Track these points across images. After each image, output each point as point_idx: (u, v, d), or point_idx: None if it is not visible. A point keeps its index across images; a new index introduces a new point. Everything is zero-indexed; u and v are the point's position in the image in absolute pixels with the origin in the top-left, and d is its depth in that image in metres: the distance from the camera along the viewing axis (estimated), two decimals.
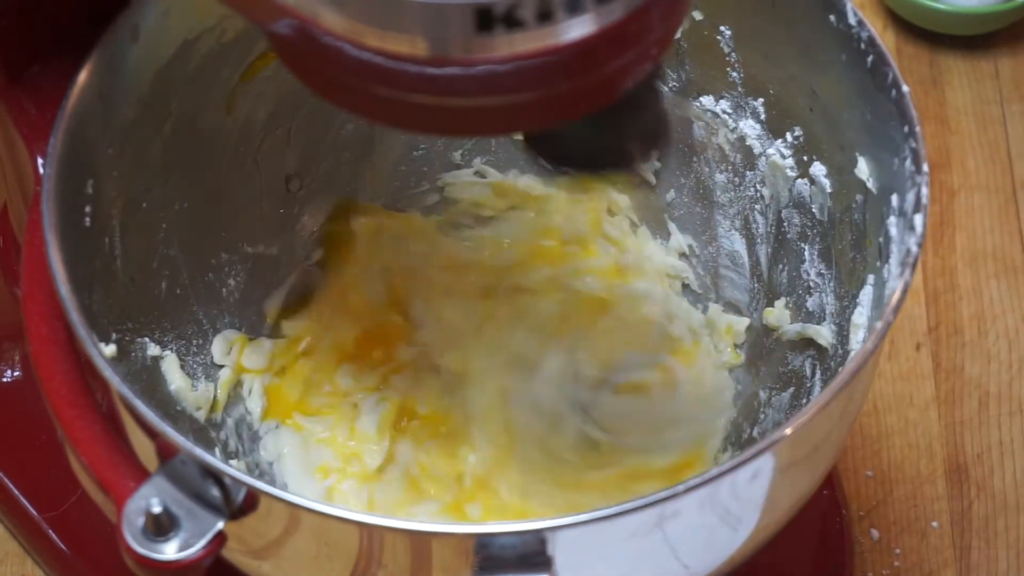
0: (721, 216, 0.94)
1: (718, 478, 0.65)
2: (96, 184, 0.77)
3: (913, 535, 0.97)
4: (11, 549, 0.96)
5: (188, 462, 0.65)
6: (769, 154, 0.88)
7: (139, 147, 0.81)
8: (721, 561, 0.74)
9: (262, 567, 0.72)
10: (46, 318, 0.72)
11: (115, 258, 0.79)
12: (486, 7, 0.54)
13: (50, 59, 0.78)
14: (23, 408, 0.96)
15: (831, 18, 0.78)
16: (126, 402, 0.67)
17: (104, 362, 0.68)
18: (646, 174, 0.96)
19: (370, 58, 0.57)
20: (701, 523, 0.69)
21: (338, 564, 0.68)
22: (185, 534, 0.65)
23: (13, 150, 0.79)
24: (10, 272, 0.94)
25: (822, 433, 0.72)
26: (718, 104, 0.90)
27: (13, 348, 0.98)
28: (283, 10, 0.57)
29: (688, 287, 0.96)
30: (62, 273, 0.70)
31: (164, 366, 0.84)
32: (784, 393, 0.88)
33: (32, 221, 0.73)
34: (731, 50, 0.87)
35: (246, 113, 0.88)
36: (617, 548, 0.67)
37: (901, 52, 1.20)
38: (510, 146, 0.98)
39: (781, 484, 0.72)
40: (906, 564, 0.96)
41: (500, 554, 0.65)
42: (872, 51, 0.76)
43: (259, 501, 0.66)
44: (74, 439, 0.70)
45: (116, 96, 0.78)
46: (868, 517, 0.98)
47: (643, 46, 0.60)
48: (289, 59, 0.61)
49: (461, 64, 0.56)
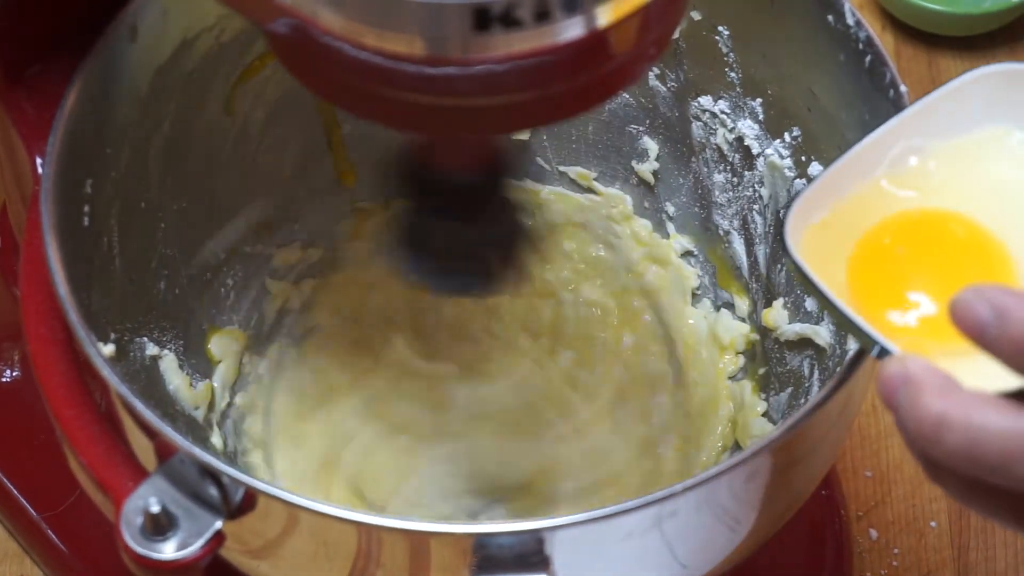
0: (719, 216, 0.94)
1: (716, 478, 0.65)
2: (95, 184, 0.77)
3: (912, 535, 0.97)
4: (10, 549, 0.96)
5: (186, 461, 0.65)
6: (767, 154, 0.88)
7: (138, 147, 0.81)
8: (719, 561, 0.74)
9: (260, 567, 0.72)
10: (45, 318, 0.72)
11: (114, 258, 0.80)
12: (483, 7, 0.54)
13: (49, 59, 0.78)
14: (22, 408, 0.96)
15: (829, 18, 0.78)
16: (125, 402, 0.67)
17: (103, 362, 0.68)
18: (644, 175, 0.96)
19: (368, 58, 0.57)
20: (699, 523, 0.69)
21: (336, 563, 0.68)
22: (183, 533, 0.65)
23: (12, 150, 0.79)
24: (9, 272, 0.94)
25: (820, 433, 0.72)
26: (716, 104, 0.90)
27: (12, 348, 0.98)
28: (281, 10, 0.57)
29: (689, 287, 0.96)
30: (61, 273, 0.70)
31: (163, 366, 0.84)
32: (782, 393, 0.88)
33: (31, 221, 0.73)
34: (729, 50, 0.87)
35: (245, 113, 0.88)
36: (615, 548, 0.67)
37: (899, 53, 1.20)
38: (508, 146, 0.98)
39: (779, 484, 0.72)
40: (904, 564, 0.96)
41: (498, 554, 0.65)
42: (870, 51, 0.76)
43: (257, 500, 0.66)
44: (73, 439, 0.70)
45: (115, 96, 0.78)
46: (867, 517, 0.98)
47: (641, 45, 0.60)
48: (287, 59, 0.61)
49: (458, 64, 0.56)
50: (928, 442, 0.56)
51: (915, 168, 0.68)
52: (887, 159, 0.68)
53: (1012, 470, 0.55)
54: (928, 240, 0.67)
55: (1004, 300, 0.56)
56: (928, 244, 0.67)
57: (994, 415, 0.55)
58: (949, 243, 0.67)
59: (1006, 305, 0.56)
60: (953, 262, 0.66)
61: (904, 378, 0.57)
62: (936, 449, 0.56)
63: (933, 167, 0.68)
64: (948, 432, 0.55)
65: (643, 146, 0.95)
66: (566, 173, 0.98)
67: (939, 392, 0.56)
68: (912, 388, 0.57)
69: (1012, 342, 0.56)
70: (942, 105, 0.68)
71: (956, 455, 0.56)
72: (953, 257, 0.66)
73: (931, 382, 0.57)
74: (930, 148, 0.69)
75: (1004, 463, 0.55)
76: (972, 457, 0.55)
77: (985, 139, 0.68)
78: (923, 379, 0.57)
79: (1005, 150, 0.68)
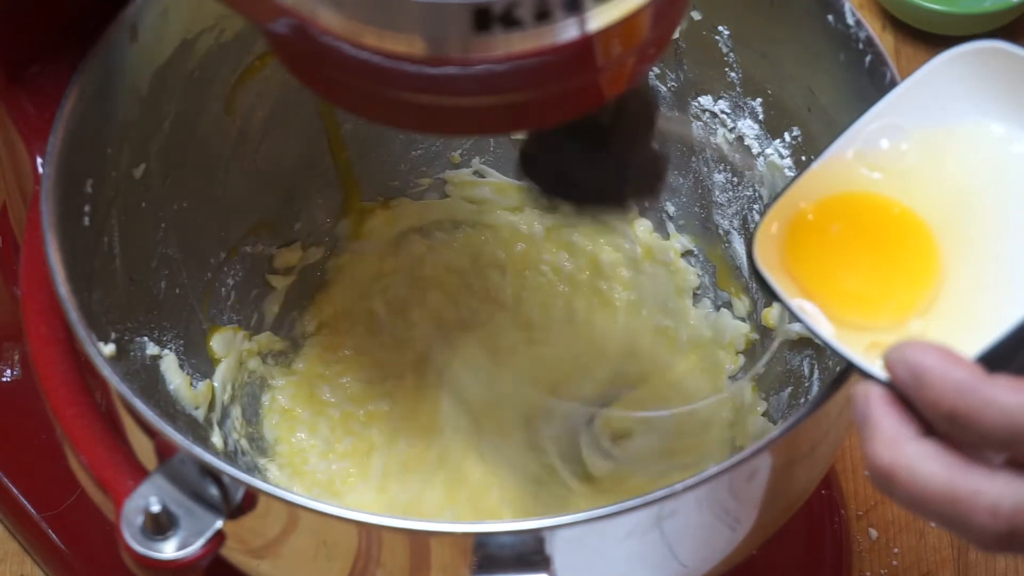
0: (720, 216, 0.94)
1: (716, 477, 0.65)
2: (95, 184, 0.77)
3: (911, 534, 0.97)
4: (10, 548, 0.96)
5: (187, 461, 0.65)
6: (767, 154, 0.88)
7: (138, 147, 0.81)
8: (719, 560, 0.74)
9: (261, 566, 0.72)
10: (45, 317, 0.72)
11: (114, 257, 0.80)
12: (484, 6, 0.54)
13: (49, 59, 0.78)
14: (22, 407, 0.96)
15: (829, 18, 0.78)
16: (125, 401, 0.67)
17: (103, 361, 0.68)
18: None
19: (368, 57, 0.57)
20: (699, 522, 0.69)
21: (337, 563, 0.69)
22: (184, 533, 0.65)
23: (12, 150, 0.79)
24: (9, 272, 0.94)
25: (820, 432, 0.72)
26: (716, 104, 0.90)
27: (12, 348, 0.98)
28: (281, 9, 0.57)
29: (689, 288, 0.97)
30: (61, 272, 0.70)
31: (163, 365, 0.84)
32: (782, 393, 0.88)
33: (31, 220, 0.73)
34: (729, 50, 0.87)
35: (245, 112, 0.88)
36: (615, 547, 0.67)
37: (899, 52, 1.20)
38: (508, 146, 0.98)
39: (779, 483, 0.72)
40: (904, 563, 0.96)
41: (498, 553, 0.65)
42: (870, 51, 0.76)
43: (258, 500, 0.66)
44: (73, 438, 0.70)
45: (115, 96, 0.78)
46: (867, 516, 0.98)
47: (641, 46, 0.60)
48: (287, 58, 0.61)
49: (459, 63, 0.56)
50: (880, 488, 0.59)
51: (887, 150, 0.69)
52: (863, 135, 0.69)
53: (954, 528, 0.58)
54: (856, 220, 0.68)
55: (922, 363, 0.58)
56: (856, 225, 0.68)
57: (938, 471, 0.57)
58: (877, 224, 0.68)
59: (922, 369, 0.58)
60: (878, 243, 0.67)
61: (863, 418, 0.60)
62: (887, 493, 0.59)
63: (905, 149, 0.69)
64: (893, 485, 0.58)
65: None
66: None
67: (889, 444, 0.59)
68: (868, 430, 0.60)
69: (927, 406, 0.58)
70: (921, 88, 0.68)
71: (903, 504, 0.59)
72: (878, 238, 0.67)
73: (884, 428, 0.59)
74: (907, 130, 0.69)
75: (947, 520, 0.58)
76: (916, 509, 0.58)
77: (962, 133, 0.68)
78: (877, 424, 0.59)
79: (978, 146, 0.68)
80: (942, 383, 0.57)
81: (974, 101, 0.68)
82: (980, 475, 0.57)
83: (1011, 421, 0.56)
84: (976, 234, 0.66)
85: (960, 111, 0.68)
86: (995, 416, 0.56)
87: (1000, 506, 0.56)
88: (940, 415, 0.58)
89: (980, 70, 0.68)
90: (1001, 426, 0.56)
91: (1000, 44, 0.67)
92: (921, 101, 0.69)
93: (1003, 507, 0.56)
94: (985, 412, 0.56)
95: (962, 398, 0.57)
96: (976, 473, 0.57)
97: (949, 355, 0.58)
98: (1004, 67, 0.67)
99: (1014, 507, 0.56)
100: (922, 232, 0.67)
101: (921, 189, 0.68)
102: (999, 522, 0.56)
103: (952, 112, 0.68)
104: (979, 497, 0.57)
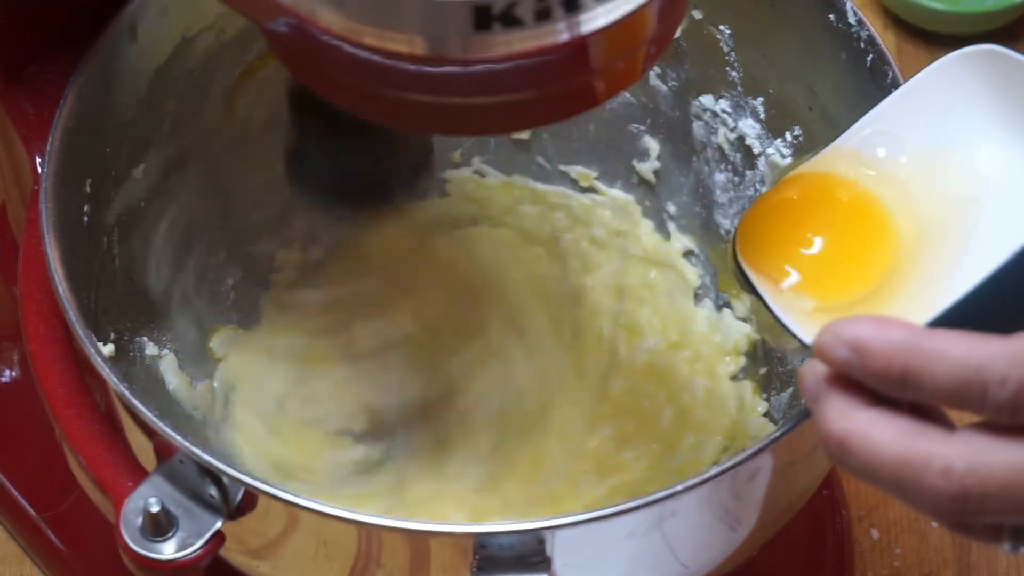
0: (721, 216, 0.94)
1: (717, 477, 0.65)
2: (94, 183, 0.77)
3: (913, 535, 0.97)
4: (10, 550, 0.96)
5: (186, 461, 0.65)
6: (769, 153, 0.88)
7: (138, 146, 0.81)
8: (720, 561, 0.74)
9: (260, 567, 0.72)
10: (44, 317, 0.72)
11: (113, 257, 0.79)
12: (484, 6, 0.54)
13: (48, 59, 0.78)
14: (21, 408, 0.96)
15: (831, 17, 0.78)
16: (124, 401, 0.67)
17: (102, 361, 0.68)
18: (646, 173, 0.96)
19: (368, 57, 0.56)
20: (700, 523, 0.69)
21: (337, 563, 0.68)
22: (183, 534, 0.65)
23: (11, 149, 0.79)
24: (8, 271, 0.94)
25: None
26: (717, 103, 0.90)
27: (11, 348, 0.98)
28: (281, 8, 0.57)
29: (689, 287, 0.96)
30: (60, 272, 0.70)
31: (162, 365, 0.84)
32: (783, 393, 0.88)
33: (30, 220, 0.73)
34: (730, 49, 0.87)
35: (245, 112, 0.88)
36: (616, 547, 0.67)
37: (901, 52, 1.20)
38: (509, 145, 0.98)
39: (780, 484, 0.71)
40: (906, 564, 0.96)
41: (499, 553, 0.65)
42: (872, 50, 0.76)
43: (257, 500, 0.66)
44: (72, 439, 0.70)
45: (114, 95, 0.78)
46: (868, 517, 0.98)
47: (642, 45, 0.60)
48: (287, 58, 0.61)
49: (459, 63, 0.56)
50: (835, 458, 0.58)
51: (884, 158, 0.69)
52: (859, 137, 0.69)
53: (908, 495, 0.56)
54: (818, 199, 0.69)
55: (858, 335, 0.57)
56: (818, 202, 0.69)
57: (892, 435, 0.56)
58: (836, 203, 0.68)
59: (859, 341, 0.56)
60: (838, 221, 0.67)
61: (814, 396, 0.58)
62: (840, 463, 0.57)
63: (904, 162, 0.69)
64: (847, 454, 0.57)
65: (644, 145, 0.95)
66: (567, 172, 0.98)
67: (841, 413, 0.57)
68: (820, 406, 0.58)
69: (875, 376, 0.56)
70: (915, 96, 0.68)
71: (857, 472, 0.57)
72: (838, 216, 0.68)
73: (835, 399, 0.58)
74: (907, 143, 0.69)
75: (901, 486, 0.56)
76: (871, 477, 0.57)
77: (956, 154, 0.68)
78: (829, 397, 0.58)
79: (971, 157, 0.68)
80: (884, 347, 0.56)
81: (969, 106, 0.68)
82: (935, 438, 0.56)
83: (962, 369, 0.55)
84: (954, 236, 0.66)
85: (955, 116, 0.68)
86: (947, 367, 0.55)
87: (953, 467, 0.55)
88: (892, 380, 0.56)
89: (975, 73, 0.68)
90: (954, 377, 0.55)
91: (994, 48, 0.67)
92: (916, 108, 0.69)
93: (956, 467, 0.54)
94: (936, 365, 0.55)
95: (912, 355, 0.55)
96: (931, 436, 0.56)
97: (882, 320, 0.57)
98: (998, 70, 0.67)
99: (967, 467, 0.54)
100: (879, 214, 0.67)
101: (914, 193, 0.68)
102: (952, 483, 0.54)
103: (947, 117, 0.68)
104: (933, 459, 0.55)
